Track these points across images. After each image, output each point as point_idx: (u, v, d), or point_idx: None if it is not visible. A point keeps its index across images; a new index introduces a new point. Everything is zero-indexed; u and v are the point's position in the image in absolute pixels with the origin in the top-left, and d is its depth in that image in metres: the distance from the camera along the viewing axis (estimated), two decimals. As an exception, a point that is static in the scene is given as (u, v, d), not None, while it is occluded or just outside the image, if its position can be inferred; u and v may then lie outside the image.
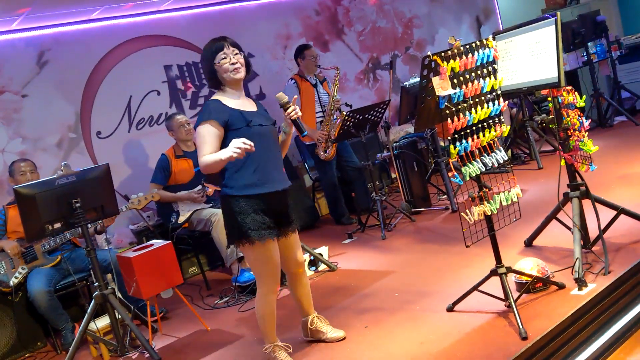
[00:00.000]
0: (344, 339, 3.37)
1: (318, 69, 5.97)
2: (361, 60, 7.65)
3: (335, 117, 5.81)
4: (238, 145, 2.80)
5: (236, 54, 3.08)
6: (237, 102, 3.10)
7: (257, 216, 3.00)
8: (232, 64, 3.04)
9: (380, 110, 5.49)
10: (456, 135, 2.98)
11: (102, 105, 5.71)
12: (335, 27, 7.45)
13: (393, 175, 7.06)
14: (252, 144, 2.83)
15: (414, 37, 8.22)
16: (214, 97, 3.12)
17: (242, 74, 3.08)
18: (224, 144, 2.98)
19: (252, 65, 3.24)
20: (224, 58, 3.04)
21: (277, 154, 3.16)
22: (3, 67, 5.23)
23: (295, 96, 3.30)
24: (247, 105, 3.14)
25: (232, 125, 2.99)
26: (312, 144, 5.84)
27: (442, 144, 6.02)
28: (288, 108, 3.08)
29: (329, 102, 5.82)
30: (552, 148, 6.71)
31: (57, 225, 3.77)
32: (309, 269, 4.74)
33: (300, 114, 3.09)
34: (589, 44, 7.45)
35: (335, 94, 5.79)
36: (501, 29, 8.58)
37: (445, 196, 5.91)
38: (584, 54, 7.46)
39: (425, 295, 3.74)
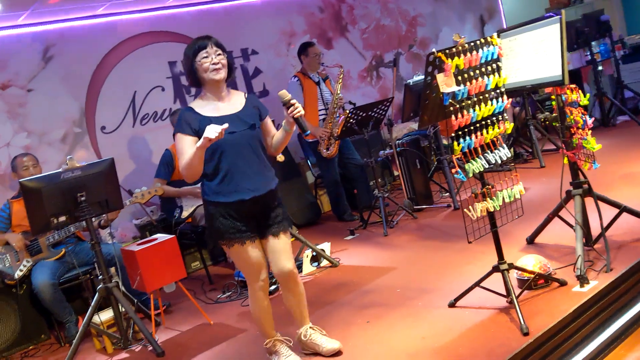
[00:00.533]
0: (340, 351, 3.23)
1: (321, 67, 5.98)
2: (365, 58, 7.67)
3: (338, 114, 5.83)
4: (207, 135, 2.78)
5: (219, 54, 2.99)
6: (212, 106, 3.02)
7: (225, 220, 3.00)
8: (213, 64, 2.96)
9: (383, 107, 5.50)
10: (460, 132, 3.00)
11: (107, 100, 5.73)
12: (339, 24, 7.46)
13: (395, 173, 7.08)
14: (223, 129, 2.79)
15: (418, 35, 8.24)
16: (191, 103, 3.08)
17: (222, 75, 2.99)
18: None
19: (235, 68, 3.15)
20: (205, 57, 2.96)
21: (252, 160, 3.03)
22: (9, 62, 5.25)
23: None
24: (225, 108, 3.05)
25: (202, 133, 2.88)
26: (314, 141, 5.86)
27: (444, 141, 6.04)
28: (290, 106, 2.99)
29: (332, 99, 5.84)
30: (554, 147, 6.71)
31: (62, 218, 3.80)
32: (311, 264, 4.76)
33: (302, 112, 3.01)
34: (593, 43, 7.45)
35: (338, 91, 5.81)
36: (505, 28, 8.59)
37: (448, 194, 5.93)
38: (588, 53, 7.46)
39: (427, 292, 3.76)
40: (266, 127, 3.19)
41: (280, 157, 4.36)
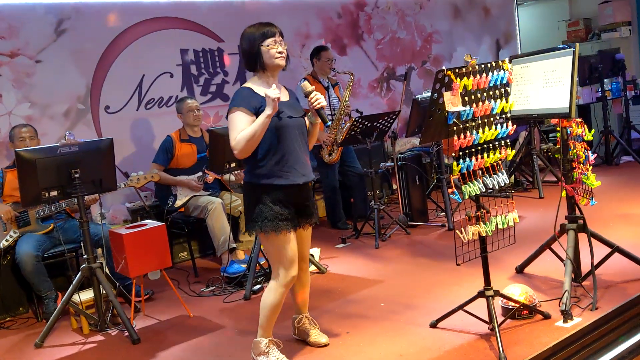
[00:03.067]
0: (326, 345, 3.33)
1: (332, 72, 5.97)
2: (377, 68, 7.65)
3: (343, 121, 5.81)
4: (272, 97, 2.86)
5: (284, 44, 3.09)
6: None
7: (274, 206, 3.00)
8: (279, 52, 3.04)
9: (389, 119, 5.48)
10: (460, 153, 2.98)
11: (114, 80, 5.71)
12: (355, 32, 7.45)
13: (394, 186, 7.05)
14: (278, 93, 2.88)
15: (432, 52, 8.23)
16: (246, 84, 3.11)
17: (284, 62, 3.08)
18: None
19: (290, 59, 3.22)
20: (274, 44, 3.03)
21: (303, 146, 3.12)
22: (20, 30, 5.23)
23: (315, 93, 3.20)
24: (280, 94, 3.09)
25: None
26: (316, 146, 5.83)
27: (446, 161, 6.01)
28: (312, 98, 3.09)
29: (339, 106, 5.82)
30: (555, 179, 6.69)
31: (54, 193, 3.78)
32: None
33: (324, 103, 3.10)
34: (605, 80, 7.44)
35: (347, 98, 5.79)
36: (518, 54, 8.58)
37: (444, 213, 5.90)
38: (599, 90, 7.45)
39: (411, 308, 3.73)
40: None
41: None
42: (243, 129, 2.94)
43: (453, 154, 2.97)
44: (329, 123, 3.12)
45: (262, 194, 3.02)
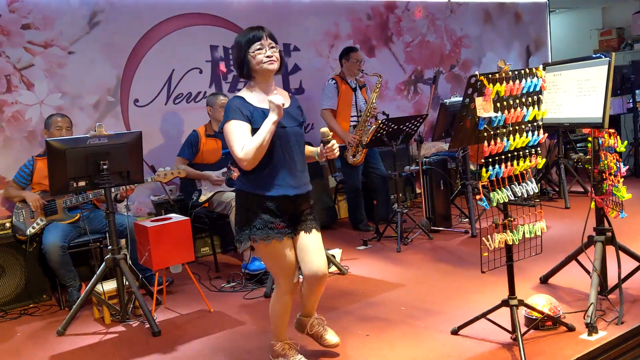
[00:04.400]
0: (337, 345, 3.24)
1: (360, 73, 5.96)
2: (405, 71, 7.62)
3: (369, 123, 5.79)
4: (276, 101, 2.76)
5: (272, 47, 2.91)
6: (263, 97, 2.93)
7: (264, 215, 2.89)
8: (267, 56, 2.86)
9: (416, 123, 5.45)
10: (490, 159, 2.95)
11: (144, 74, 5.76)
12: (385, 34, 7.43)
13: (418, 190, 7.02)
14: (282, 100, 2.78)
15: (461, 56, 8.17)
16: (239, 93, 2.99)
17: (275, 66, 2.90)
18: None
19: (285, 62, 3.06)
20: (260, 49, 2.86)
21: (299, 156, 2.98)
22: (55, 21, 5.30)
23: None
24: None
25: (253, 124, 2.86)
26: (341, 147, 5.82)
27: (472, 167, 5.96)
28: (328, 144, 2.99)
29: (366, 107, 5.81)
30: (582, 190, 6.61)
31: (82, 183, 3.82)
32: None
33: (337, 154, 2.98)
34: (637, 91, 7.32)
35: (373, 100, 5.77)
36: (550, 62, 8.49)
37: (467, 220, 5.85)
38: (630, 101, 7.33)
39: (432, 314, 3.71)
40: None
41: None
42: (243, 137, 2.82)
43: (482, 161, 2.94)
44: (337, 174, 3.02)
45: (251, 202, 2.91)
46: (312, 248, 3.00)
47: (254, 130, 2.85)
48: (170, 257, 4.04)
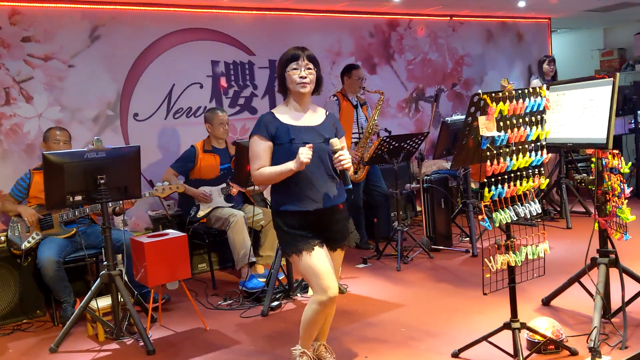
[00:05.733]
0: None
1: (362, 90, 5.94)
2: (406, 88, 7.60)
3: (371, 140, 5.76)
4: (303, 159, 2.82)
5: (309, 68, 3.01)
6: (294, 115, 3.03)
7: (290, 230, 2.97)
8: (301, 77, 2.97)
9: (417, 140, 5.42)
10: (492, 179, 2.90)
11: (144, 88, 5.73)
12: (387, 51, 7.42)
13: (418, 208, 6.97)
14: (309, 157, 2.84)
15: (463, 75, 8.16)
16: (274, 109, 3.11)
17: (307, 89, 3.00)
18: (273, 157, 2.99)
19: (323, 84, 3.14)
20: (295, 69, 2.98)
21: (322, 172, 3.00)
22: (56, 34, 5.29)
23: (344, 145, 3.09)
24: (306, 119, 3.05)
25: (277, 139, 2.98)
26: None
27: (473, 186, 5.92)
28: (337, 155, 2.95)
29: (368, 124, 5.78)
30: (583, 210, 6.56)
31: (79, 198, 3.78)
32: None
33: (349, 165, 2.94)
34: (639, 111, 7.29)
35: (375, 117, 5.75)
36: (552, 81, 8.48)
37: (468, 239, 5.80)
38: (632, 121, 7.30)
39: (432, 335, 3.64)
40: None
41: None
42: (260, 156, 2.98)
43: (485, 180, 2.89)
44: (350, 186, 2.99)
45: (278, 219, 3.04)
46: (335, 264, 3.10)
47: (277, 146, 2.98)
48: (167, 273, 3.98)
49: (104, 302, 4.09)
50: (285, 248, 3.02)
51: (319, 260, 2.94)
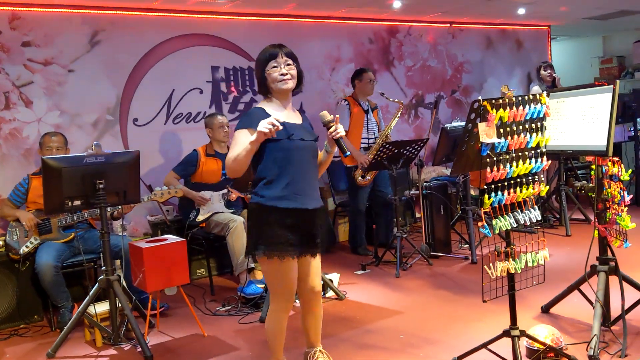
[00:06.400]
0: None
1: (379, 94, 5.92)
2: (405, 95, 7.60)
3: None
4: (260, 129, 2.73)
5: (288, 64, 2.96)
6: (281, 113, 2.97)
7: (280, 230, 2.88)
8: (282, 74, 2.93)
9: (416, 147, 5.42)
10: (492, 186, 2.90)
11: (144, 93, 5.73)
12: (386, 58, 7.43)
13: (417, 215, 6.96)
14: (278, 123, 2.75)
15: (462, 81, 8.17)
16: (259, 104, 3.04)
17: (290, 85, 2.95)
18: (261, 153, 2.90)
19: (303, 80, 3.09)
20: (275, 67, 2.93)
21: (313, 171, 3.02)
22: (55, 39, 5.29)
23: (337, 115, 3.06)
24: (291, 117, 3.03)
25: (273, 135, 2.87)
26: (351, 167, 5.81)
27: (472, 192, 5.91)
28: (330, 127, 2.94)
29: (383, 131, 5.80)
30: (583, 217, 6.55)
31: (77, 202, 3.76)
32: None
33: (343, 133, 2.94)
34: (638, 119, 7.30)
35: (392, 126, 5.79)
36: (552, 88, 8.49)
37: (467, 245, 5.79)
38: (631, 129, 7.31)
39: (431, 343, 3.63)
40: None
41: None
42: (239, 147, 2.88)
43: (484, 186, 2.88)
44: (348, 153, 2.97)
45: (269, 216, 2.89)
46: (315, 269, 3.09)
47: (274, 142, 2.88)
48: (165, 279, 3.97)
49: (102, 307, 4.07)
50: (269, 248, 2.88)
51: (294, 275, 2.95)
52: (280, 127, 2.78)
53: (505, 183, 2.93)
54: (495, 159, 2.87)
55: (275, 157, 2.89)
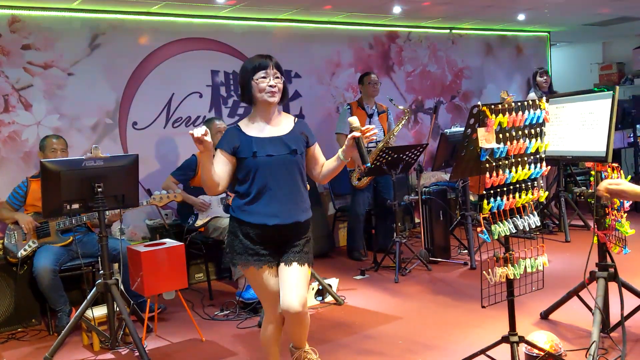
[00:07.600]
0: None
1: (391, 102, 5.91)
2: (405, 100, 7.60)
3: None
4: (192, 132, 2.68)
5: (277, 77, 2.89)
6: (259, 127, 2.91)
7: (245, 241, 2.86)
8: (270, 86, 2.85)
9: (416, 152, 5.41)
10: (491, 191, 2.89)
11: (144, 97, 5.73)
12: (386, 63, 7.43)
13: (417, 220, 6.95)
14: (204, 132, 2.67)
15: (462, 87, 8.17)
16: (239, 123, 3.00)
17: (276, 99, 2.88)
18: (238, 170, 2.90)
19: (288, 94, 3.04)
20: (264, 77, 2.84)
21: (286, 186, 2.88)
22: (56, 42, 5.29)
23: (372, 126, 2.91)
24: (270, 130, 2.92)
25: (240, 153, 2.86)
26: (350, 170, 5.83)
27: (472, 198, 5.90)
28: (365, 130, 2.83)
29: (386, 136, 5.80)
30: (582, 223, 6.54)
31: (76, 206, 3.75)
32: (315, 298, 4.64)
33: (377, 134, 2.87)
34: (638, 125, 7.31)
35: (395, 132, 5.81)
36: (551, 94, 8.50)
37: (466, 251, 5.77)
38: (631, 135, 7.31)
39: (430, 348, 3.61)
40: (313, 154, 3.05)
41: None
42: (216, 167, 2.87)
43: (484, 192, 2.88)
44: (368, 164, 2.91)
45: (235, 226, 2.91)
46: (288, 283, 2.85)
47: (240, 160, 2.86)
48: (163, 283, 3.96)
49: (100, 311, 4.06)
50: (233, 257, 2.89)
51: (271, 284, 2.89)
52: (205, 136, 2.67)
53: (505, 189, 2.92)
54: (494, 164, 2.86)
55: (244, 175, 2.87)
